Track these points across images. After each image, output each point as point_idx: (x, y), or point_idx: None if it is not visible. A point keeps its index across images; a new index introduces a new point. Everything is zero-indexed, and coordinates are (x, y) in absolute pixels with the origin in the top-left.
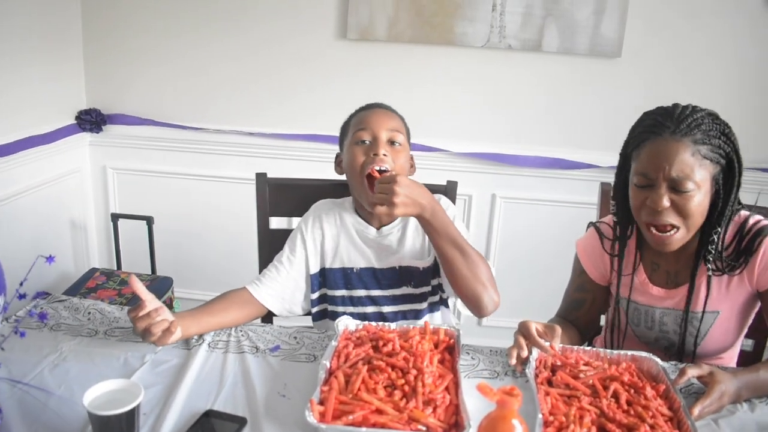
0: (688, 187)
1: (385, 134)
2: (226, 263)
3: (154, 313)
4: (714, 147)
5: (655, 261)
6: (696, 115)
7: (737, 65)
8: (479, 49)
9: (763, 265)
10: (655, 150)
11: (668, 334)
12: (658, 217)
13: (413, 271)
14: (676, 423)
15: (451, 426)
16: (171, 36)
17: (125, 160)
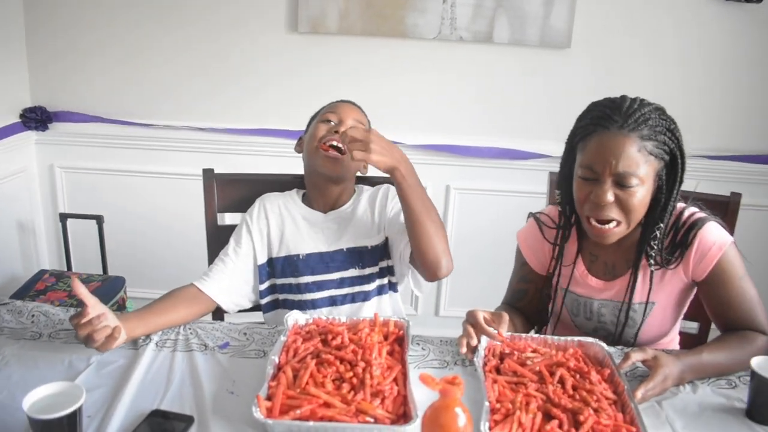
0: (633, 182)
1: (351, 121)
2: (179, 261)
3: (96, 320)
4: (659, 143)
5: (593, 252)
6: (644, 110)
7: (682, 55)
8: (431, 41)
9: (698, 257)
10: (602, 144)
11: (606, 325)
12: (600, 211)
13: (361, 251)
14: (620, 406)
15: (399, 417)
16: (118, 30)
17: (73, 158)
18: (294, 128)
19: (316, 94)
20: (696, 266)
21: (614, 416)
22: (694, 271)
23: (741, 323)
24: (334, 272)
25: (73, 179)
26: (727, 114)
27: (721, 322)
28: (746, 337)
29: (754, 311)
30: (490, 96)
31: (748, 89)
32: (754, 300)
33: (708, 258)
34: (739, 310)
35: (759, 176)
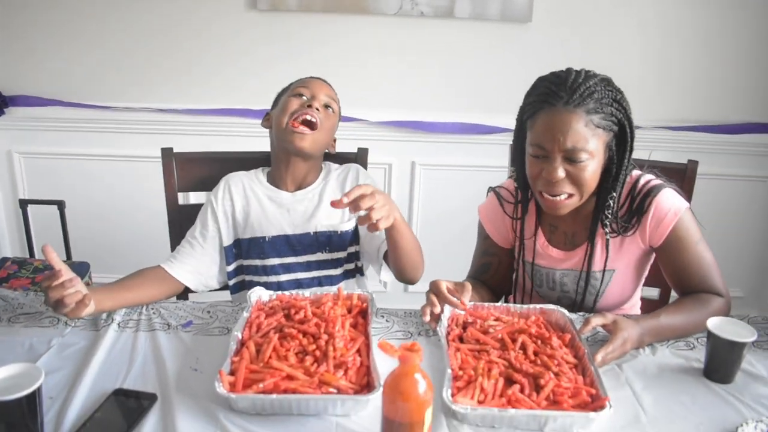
0: (582, 157)
1: (323, 97)
2: (144, 244)
3: (68, 283)
4: (606, 115)
5: (552, 224)
6: (589, 82)
7: (642, 27)
8: (392, 17)
9: (654, 223)
10: (548, 121)
11: (569, 294)
12: (552, 187)
13: (330, 235)
14: (581, 369)
15: (363, 387)
16: (75, 12)
17: (32, 143)
18: (256, 107)
19: (277, 72)
20: (653, 232)
21: (575, 379)
22: (651, 237)
23: (698, 287)
24: (300, 255)
25: (33, 164)
26: (687, 85)
27: (678, 287)
28: (703, 300)
29: (711, 275)
30: (452, 71)
31: (706, 60)
32: (711, 264)
33: (664, 224)
34: (696, 275)
35: (716, 146)
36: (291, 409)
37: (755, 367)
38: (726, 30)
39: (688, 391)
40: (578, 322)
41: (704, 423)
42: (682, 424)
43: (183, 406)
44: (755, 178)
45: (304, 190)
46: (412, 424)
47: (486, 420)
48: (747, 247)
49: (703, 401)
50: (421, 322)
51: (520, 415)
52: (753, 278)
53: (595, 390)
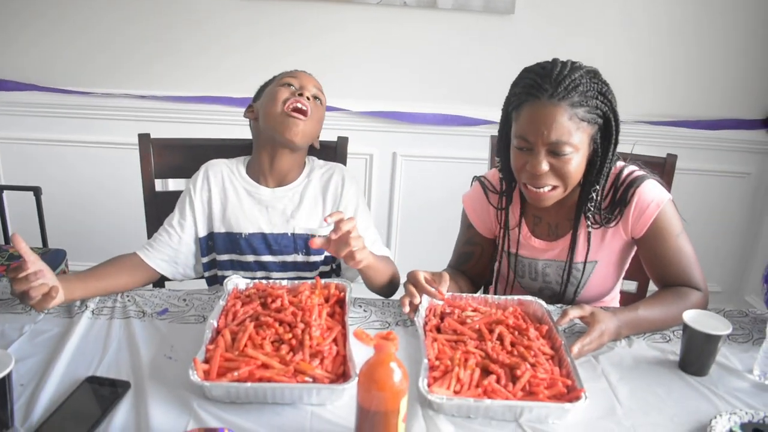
0: (566, 150)
1: (312, 88)
2: (121, 232)
3: (33, 276)
4: (591, 108)
5: (536, 215)
6: (574, 75)
7: (625, 21)
8: (375, 6)
9: (636, 214)
10: (533, 114)
11: (551, 285)
12: (536, 180)
13: (308, 238)
14: (558, 361)
15: (339, 376)
16: None
17: (8, 128)
18: (236, 95)
19: (258, 60)
20: (635, 223)
21: (551, 370)
22: (633, 227)
23: (677, 279)
24: (277, 255)
25: (8, 150)
26: (668, 80)
27: (658, 279)
28: (681, 293)
29: (690, 268)
30: (435, 62)
31: (687, 56)
32: (691, 257)
33: (646, 215)
34: (676, 267)
35: (695, 141)
36: (266, 398)
37: (730, 360)
38: (708, 26)
39: (664, 383)
40: (556, 313)
41: (679, 415)
42: (656, 415)
43: (156, 394)
44: (734, 173)
45: (284, 188)
46: (387, 413)
47: (462, 410)
48: (725, 243)
49: (678, 393)
50: (398, 312)
51: (496, 405)
52: (730, 274)
53: (571, 381)
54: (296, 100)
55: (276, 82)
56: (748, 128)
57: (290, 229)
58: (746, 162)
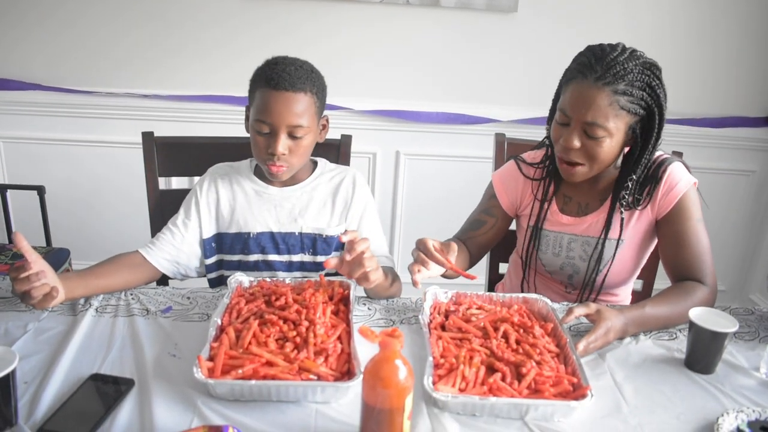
0: (599, 134)
1: (285, 130)
2: (125, 231)
3: (34, 276)
4: (635, 98)
5: (567, 194)
6: (628, 63)
7: (628, 19)
8: (377, 5)
9: (665, 190)
10: (576, 92)
11: (574, 260)
12: (567, 154)
13: (315, 238)
14: (563, 358)
15: (344, 374)
16: None
17: (11, 128)
18: (239, 94)
19: (260, 59)
20: (662, 200)
21: (556, 368)
22: (659, 205)
23: (690, 265)
24: (284, 254)
25: (12, 149)
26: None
27: (672, 265)
28: (688, 290)
29: (703, 257)
30: (438, 60)
31: (691, 54)
32: (706, 246)
33: (673, 193)
34: (691, 252)
35: (698, 139)
36: (270, 396)
37: (736, 357)
38: (711, 24)
39: (670, 381)
40: (561, 312)
41: (685, 413)
42: (662, 413)
43: (160, 392)
44: (738, 171)
45: (292, 187)
46: (392, 411)
47: (467, 408)
48: (730, 241)
49: (684, 391)
50: (403, 310)
51: (501, 403)
52: (735, 272)
53: (576, 379)
54: (270, 164)
55: (252, 117)
56: (753, 126)
57: (298, 228)
58: (750, 160)
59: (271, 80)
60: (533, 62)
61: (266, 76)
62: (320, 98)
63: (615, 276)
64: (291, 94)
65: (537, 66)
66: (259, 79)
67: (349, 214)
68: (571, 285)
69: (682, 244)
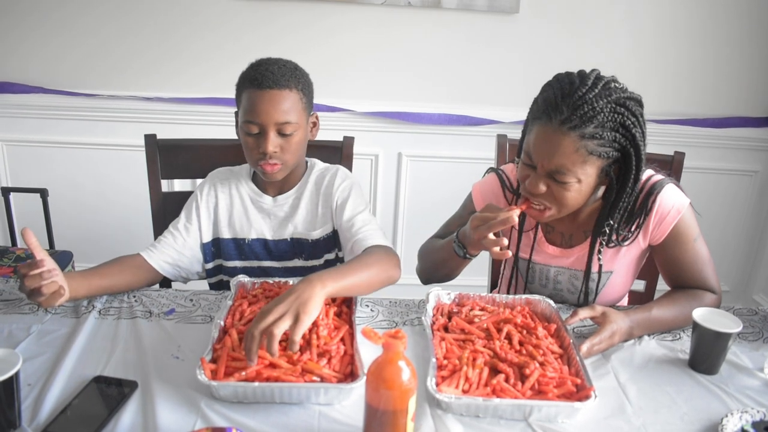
0: (566, 179)
1: (274, 128)
2: (128, 234)
3: (46, 273)
4: (606, 141)
5: (549, 224)
6: (598, 102)
7: (631, 20)
8: (379, 7)
9: (657, 221)
10: (540, 137)
11: (561, 292)
12: (533, 197)
13: (303, 243)
14: (566, 359)
15: (347, 375)
16: None
17: (14, 131)
18: None
19: None
20: (655, 229)
21: (560, 369)
22: (652, 234)
23: (692, 283)
24: (279, 261)
25: (15, 152)
26: (674, 78)
27: (672, 282)
28: (695, 294)
29: (705, 272)
30: (440, 62)
31: (693, 54)
32: (706, 260)
33: (666, 222)
34: (692, 271)
35: (701, 139)
36: (273, 398)
37: (740, 358)
38: (713, 24)
39: (674, 382)
40: (564, 312)
41: (689, 413)
42: (667, 414)
43: (164, 394)
44: (741, 171)
45: (284, 195)
46: (396, 412)
47: (470, 409)
48: (733, 241)
49: (689, 392)
50: (406, 312)
51: (505, 404)
52: (738, 272)
53: (580, 380)
54: (263, 165)
55: (241, 120)
56: (755, 126)
57: (288, 234)
58: (753, 160)
59: (255, 80)
60: (535, 63)
61: (250, 77)
62: (307, 95)
63: (607, 299)
64: (276, 91)
65: (539, 67)
66: (244, 81)
67: (330, 202)
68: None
69: (682, 267)
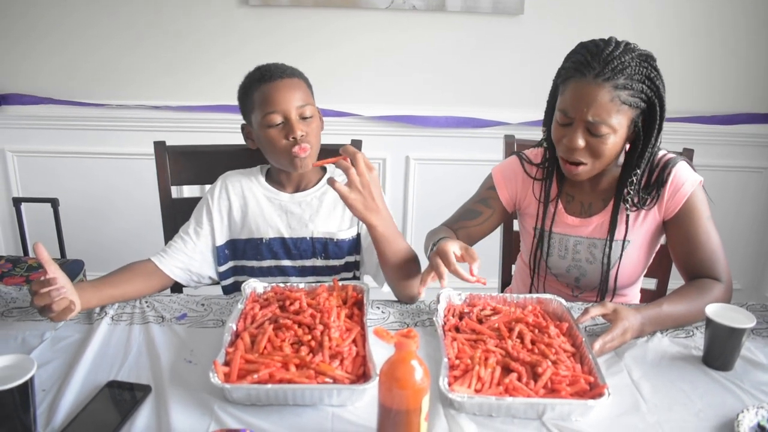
0: (603, 131)
1: (296, 112)
2: (139, 241)
3: (55, 292)
4: (635, 92)
5: (569, 193)
6: (624, 57)
7: (635, 19)
8: (384, 11)
9: (671, 191)
10: (576, 91)
11: (580, 263)
12: (571, 154)
13: (326, 242)
14: (579, 358)
15: (359, 377)
16: (66, 9)
17: (25, 141)
18: None
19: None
20: (669, 201)
21: (572, 367)
22: (667, 206)
23: (703, 264)
24: (296, 260)
25: (26, 163)
26: (681, 76)
27: (684, 264)
28: (704, 287)
29: (716, 255)
30: (445, 65)
31: (700, 51)
32: (717, 243)
33: (681, 193)
34: (703, 250)
35: (711, 137)
36: (286, 400)
37: (755, 353)
38: (721, 21)
39: (688, 379)
40: (576, 311)
41: (704, 410)
42: (681, 411)
43: (177, 397)
44: (751, 168)
45: (303, 192)
46: (409, 412)
47: (483, 408)
48: (743, 239)
49: (703, 388)
50: (417, 313)
51: (518, 403)
52: (750, 269)
53: (593, 378)
54: (297, 152)
55: (260, 118)
56: (763, 122)
57: (309, 233)
58: (762, 156)
59: (263, 77)
60: (540, 64)
61: (258, 76)
62: (310, 87)
63: (624, 277)
64: (288, 80)
65: (544, 67)
66: (252, 82)
67: None
68: (578, 288)
69: (694, 244)
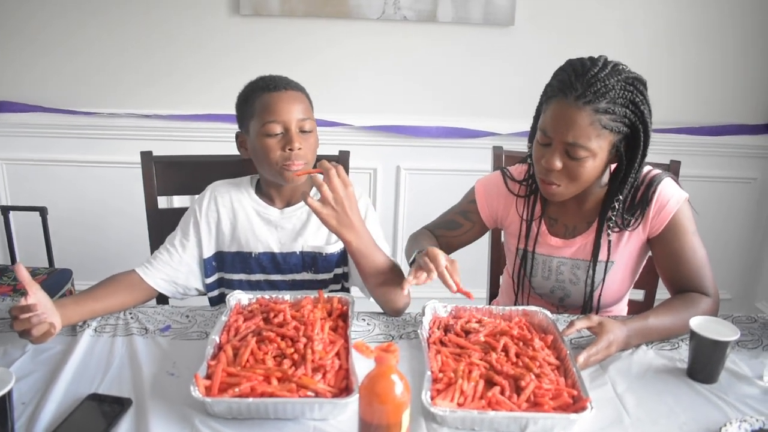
0: (581, 154)
1: (296, 125)
2: (127, 251)
3: (35, 318)
4: (618, 116)
5: (552, 216)
6: (609, 80)
7: (625, 31)
8: (375, 21)
9: (656, 210)
10: (557, 112)
11: (564, 284)
12: (548, 175)
13: (315, 256)
14: (563, 371)
15: (342, 390)
16: (57, 17)
17: (14, 149)
18: None
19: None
20: (654, 219)
21: (556, 381)
22: (652, 224)
23: (690, 280)
24: (286, 274)
25: (14, 171)
26: (670, 87)
27: (670, 280)
28: (691, 301)
29: (703, 270)
30: (436, 75)
31: (689, 63)
32: (704, 258)
33: (665, 211)
34: (690, 266)
35: (698, 147)
36: (268, 413)
37: (739, 366)
38: (708, 32)
39: (672, 392)
40: (561, 324)
41: (688, 423)
42: (665, 424)
43: (158, 411)
44: (738, 179)
45: (293, 207)
46: (389, 426)
47: (466, 422)
48: (731, 249)
49: (687, 401)
50: (402, 325)
51: (501, 417)
52: (740, 281)
53: (576, 391)
54: (290, 164)
55: (259, 127)
56: (752, 133)
57: (298, 247)
58: (751, 167)
59: (268, 86)
60: (531, 75)
61: (261, 84)
62: (311, 104)
63: (608, 297)
64: (292, 92)
65: (535, 78)
66: (255, 90)
67: None
68: (563, 307)
69: (680, 260)
